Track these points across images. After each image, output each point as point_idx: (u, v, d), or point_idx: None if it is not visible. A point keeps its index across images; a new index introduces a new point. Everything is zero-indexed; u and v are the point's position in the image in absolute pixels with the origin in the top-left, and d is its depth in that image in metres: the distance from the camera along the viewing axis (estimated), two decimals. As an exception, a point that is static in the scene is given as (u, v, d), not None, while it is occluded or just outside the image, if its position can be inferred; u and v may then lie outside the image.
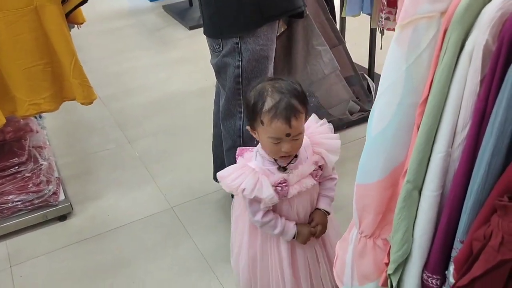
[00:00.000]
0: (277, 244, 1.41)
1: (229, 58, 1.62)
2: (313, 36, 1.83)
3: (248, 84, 1.64)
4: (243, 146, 1.73)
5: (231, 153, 1.77)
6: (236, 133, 1.73)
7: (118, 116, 2.98)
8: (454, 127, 0.77)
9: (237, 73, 1.63)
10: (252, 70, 1.63)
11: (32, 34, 1.86)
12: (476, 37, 0.70)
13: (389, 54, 0.82)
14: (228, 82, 1.66)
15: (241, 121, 1.71)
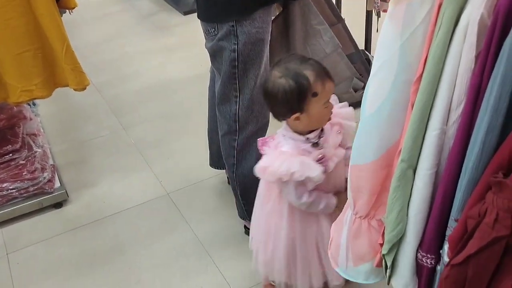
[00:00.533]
0: (316, 220, 1.42)
1: (225, 41, 1.60)
2: (311, 15, 1.80)
3: (244, 68, 1.62)
4: (238, 131, 1.72)
5: (226, 138, 1.76)
6: (232, 117, 1.71)
7: (112, 103, 2.96)
8: (449, 104, 0.76)
9: (233, 57, 1.61)
10: (248, 53, 1.61)
11: (22, 19, 1.83)
12: (471, 12, 0.69)
13: (382, 31, 0.81)
14: (224, 66, 1.64)
15: (237, 106, 1.70)
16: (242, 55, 1.60)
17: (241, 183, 1.80)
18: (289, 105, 1.29)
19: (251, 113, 1.71)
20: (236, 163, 1.77)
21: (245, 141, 1.75)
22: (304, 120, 1.30)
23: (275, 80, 1.30)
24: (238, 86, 1.67)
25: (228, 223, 2.02)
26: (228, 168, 1.83)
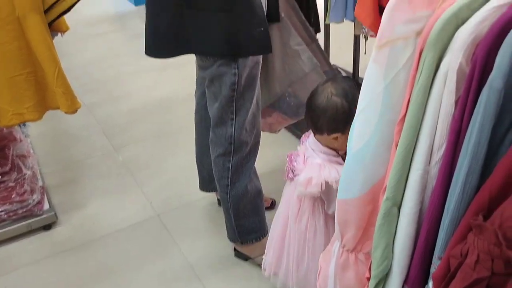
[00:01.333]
0: None
1: (225, 66, 1.61)
2: (290, 37, 1.84)
3: (242, 91, 1.65)
4: (233, 152, 1.74)
5: (220, 160, 1.77)
6: (228, 140, 1.73)
7: (103, 123, 2.97)
8: (431, 146, 0.78)
9: (234, 80, 1.62)
10: (247, 76, 1.64)
11: (15, 44, 1.85)
12: (450, 60, 0.72)
13: (367, 74, 0.83)
14: (224, 90, 1.65)
15: (233, 128, 1.71)
16: (242, 78, 1.63)
17: (235, 204, 1.82)
18: (335, 124, 1.34)
19: (246, 135, 1.73)
20: (230, 184, 1.78)
21: (239, 162, 1.77)
22: (341, 140, 1.35)
23: (330, 97, 1.35)
24: (235, 108, 1.69)
25: (218, 245, 2.02)
26: (220, 189, 1.84)
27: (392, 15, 0.78)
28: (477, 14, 0.70)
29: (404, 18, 0.78)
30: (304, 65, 1.89)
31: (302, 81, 1.92)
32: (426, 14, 0.78)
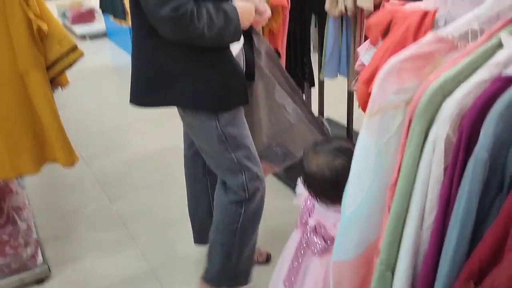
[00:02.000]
0: None
1: (207, 120, 1.65)
2: (275, 92, 1.91)
3: (235, 141, 1.67)
4: (247, 199, 1.74)
5: (233, 206, 1.76)
6: (240, 187, 1.73)
7: (99, 174, 2.98)
8: (423, 211, 0.80)
9: (218, 133, 1.66)
10: (232, 127, 1.67)
11: (16, 99, 1.89)
12: (438, 130, 0.75)
13: (359, 140, 0.87)
14: (213, 145, 1.68)
15: (243, 176, 1.72)
16: (226, 129, 1.65)
17: (240, 248, 1.81)
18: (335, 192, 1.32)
19: (258, 182, 1.75)
20: (239, 229, 1.78)
21: (252, 209, 1.77)
22: None
23: (329, 164, 1.34)
24: (235, 158, 1.70)
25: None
26: (225, 235, 1.82)
27: (382, 86, 0.82)
28: (461, 88, 0.74)
29: (394, 89, 0.82)
30: (290, 116, 1.94)
31: (288, 131, 1.97)
32: (414, 84, 0.82)
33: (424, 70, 0.83)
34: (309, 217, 1.42)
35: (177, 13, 1.39)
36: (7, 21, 1.82)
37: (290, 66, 2.47)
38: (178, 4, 1.39)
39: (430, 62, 0.83)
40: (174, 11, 1.39)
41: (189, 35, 1.46)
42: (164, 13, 1.39)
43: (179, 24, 1.42)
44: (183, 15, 1.40)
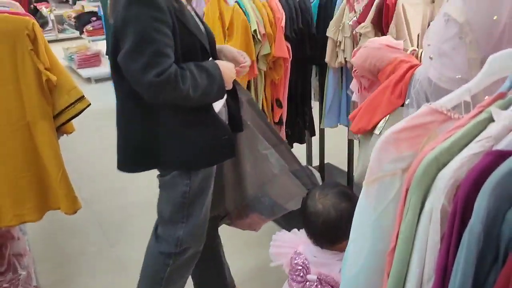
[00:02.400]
0: None
1: (179, 178, 1.66)
2: (258, 142, 1.92)
3: (193, 199, 1.67)
4: (176, 255, 1.72)
5: (162, 256, 1.74)
6: (174, 241, 1.72)
7: (100, 217, 2.99)
8: (421, 279, 0.82)
9: (185, 190, 1.66)
10: (199, 186, 1.68)
11: (22, 147, 1.93)
12: (434, 200, 0.78)
13: (358, 206, 0.90)
14: (175, 197, 1.68)
15: (182, 231, 1.71)
16: (193, 188, 1.67)
17: None
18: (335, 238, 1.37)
19: (193, 240, 1.74)
20: (165, 279, 1.76)
21: (179, 264, 1.76)
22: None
23: (336, 206, 1.39)
24: (186, 213, 1.70)
25: None
26: (150, 282, 1.82)
27: (380, 155, 0.86)
28: (455, 160, 0.78)
29: (391, 158, 0.86)
30: (273, 167, 1.95)
31: (272, 181, 1.96)
32: (410, 154, 0.86)
33: (419, 140, 0.87)
34: (306, 274, 1.43)
35: (161, 78, 1.40)
36: (17, 72, 1.89)
37: (291, 115, 2.52)
38: (161, 69, 1.40)
39: (426, 132, 0.87)
40: (158, 76, 1.40)
41: (175, 97, 1.48)
42: (148, 79, 1.40)
43: (164, 88, 1.43)
44: (167, 80, 1.41)
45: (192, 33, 1.55)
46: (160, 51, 1.41)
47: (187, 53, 1.53)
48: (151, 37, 1.40)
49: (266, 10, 2.28)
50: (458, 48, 1.15)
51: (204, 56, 1.61)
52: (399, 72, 1.28)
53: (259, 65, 2.33)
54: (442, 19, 1.18)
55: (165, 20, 1.43)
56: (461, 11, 1.14)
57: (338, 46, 2.31)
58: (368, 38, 2.14)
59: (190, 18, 1.58)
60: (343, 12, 2.26)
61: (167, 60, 1.43)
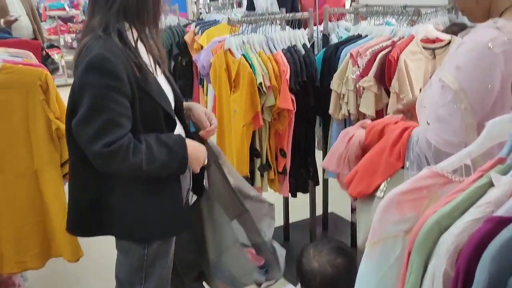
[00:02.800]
0: None
1: (135, 244, 1.61)
2: (215, 210, 1.87)
3: (153, 260, 1.62)
4: None
5: None
6: None
7: (101, 265, 2.96)
8: None
9: (143, 253, 1.61)
10: (157, 250, 1.63)
11: (29, 195, 1.96)
12: (436, 264, 0.79)
13: (361, 268, 0.90)
14: (133, 261, 1.63)
15: None
16: (151, 252, 1.61)
17: None
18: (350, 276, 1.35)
19: None
20: None
21: None
22: None
23: (331, 262, 1.39)
24: (144, 275, 1.65)
25: None
26: None
27: (383, 217, 0.87)
28: (456, 225, 0.79)
29: (393, 219, 0.87)
30: (228, 238, 1.89)
31: (228, 252, 1.85)
32: (413, 216, 0.87)
33: (421, 202, 0.88)
34: None
35: (109, 149, 1.37)
36: (28, 120, 1.94)
37: (295, 164, 2.54)
38: (111, 139, 1.37)
39: (427, 195, 0.88)
40: (107, 146, 1.37)
41: (123, 169, 1.44)
42: (96, 148, 1.38)
43: (112, 159, 1.40)
44: (116, 151, 1.38)
45: (155, 101, 1.50)
46: (112, 121, 1.38)
47: (149, 122, 1.49)
48: (105, 106, 1.38)
49: (271, 63, 2.35)
50: (454, 114, 1.18)
51: (168, 124, 1.57)
52: (393, 134, 1.30)
53: (264, 116, 2.37)
54: (438, 84, 1.23)
55: (122, 89, 1.40)
56: (455, 78, 1.18)
57: (342, 98, 2.36)
58: (370, 92, 2.20)
59: (155, 85, 1.53)
60: (346, 66, 2.33)
61: (120, 130, 1.39)
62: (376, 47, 2.27)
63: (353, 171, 1.36)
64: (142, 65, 1.47)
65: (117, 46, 1.42)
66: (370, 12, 2.74)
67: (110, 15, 1.44)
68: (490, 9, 1.31)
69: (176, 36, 3.90)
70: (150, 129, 1.50)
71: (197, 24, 3.85)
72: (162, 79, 1.61)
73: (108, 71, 1.38)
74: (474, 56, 1.19)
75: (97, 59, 1.38)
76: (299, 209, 3.07)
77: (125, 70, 1.41)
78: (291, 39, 2.51)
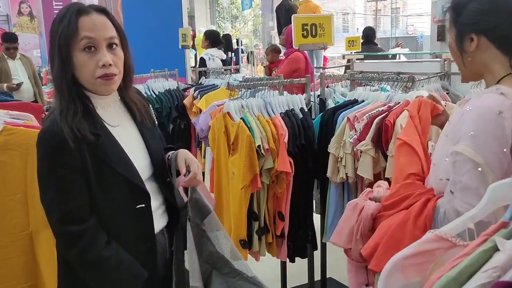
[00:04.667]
0: None
1: None
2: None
3: None
4: None
5: None
6: None
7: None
8: None
9: None
10: None
11: (22, 258, 1.91)
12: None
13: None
14: None
15: None
16: None
17: None
18: None
19: None
20: None
21: None
22: None
23: None
24: None
25: None
26: None
27: (388, 282, 0.86)
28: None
29: (399, 284, 0.86)
30: None
31: None
32: (418, 280, 0.86)
33: (426, 266, 0.87)
34: None
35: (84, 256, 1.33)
36: (26, 182, 1.93)
37: (293, 228, 2.52)
38: (83, 247, 1.33)
39: (432, 258, 0.87)
40: (81, 254, 1.33)
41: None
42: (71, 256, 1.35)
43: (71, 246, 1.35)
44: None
45: (111, 168, 1.37)
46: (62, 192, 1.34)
47: (106, 190, 1.38)
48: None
49: (270, 126, 2.39)
50: (477, 179, 1.18)
51: (133, 192, 1.42)
52: (416, 205, 1.29)
53: (262, 179, 2.38)
54: (456, 157, 1.23)
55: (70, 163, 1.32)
56: (474, 150, 1.19)
57: (340, 162, 2.38)
58: (368, 155, 2.22)
59: (115, 149, 1.40)
60: (344, 130, 2.37)
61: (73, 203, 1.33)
62: (373, 112, 2.31)
63: (372, 243, 1.31)
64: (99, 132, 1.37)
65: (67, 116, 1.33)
66: (365, 78, 2.82)
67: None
68: (483, 76, 1.35)
69: (176, 100, 3.98)
70: (111, 199, 1.39)
71: (196, 89, 3.95)
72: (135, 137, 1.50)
73: (53, 150, 1.33)
74: (487, 123, 1.21)
75: (42, 133, 1.36)
76: (297, 275, 3.00)
77: (74, 138, 1.31)
78: (288, 103, 2.57)
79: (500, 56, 1.30)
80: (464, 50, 1.35)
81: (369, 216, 1.35)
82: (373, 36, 6.94)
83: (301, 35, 2.80)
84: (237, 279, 1.55)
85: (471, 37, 1.32)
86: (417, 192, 1.37)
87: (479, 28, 1.31)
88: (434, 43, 7.34)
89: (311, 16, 3.09)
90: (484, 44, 1.32)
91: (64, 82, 1.35)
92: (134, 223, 1.43)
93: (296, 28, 2.81)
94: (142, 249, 1.43)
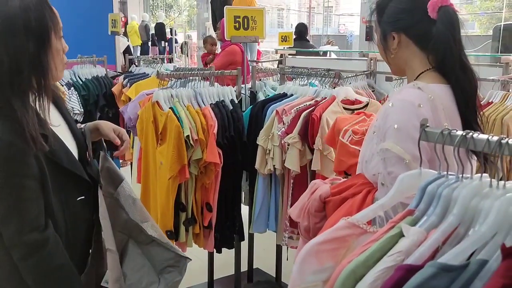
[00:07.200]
0: None
1: None
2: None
3: None
4: None
5: None
6: None
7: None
8: None
9: None
10: None
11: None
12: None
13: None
14: None
15: None
16: None
17: None
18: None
19: None
20: None
21: None
22: None
23: None
24: None
25: None
26: None
27: (302, 267, 0.89)
28: (370, 274, 0.82)
29: (313, 269, 0.89)
30: None
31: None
32: (331, 265, 0.90)
33: (339, 252, 0.91)
34: None
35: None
36: None
37: (221, 219, 2.54)
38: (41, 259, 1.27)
39: (344, 245, 0.92)
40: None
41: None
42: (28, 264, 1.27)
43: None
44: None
45: (65, 169, 1.37)
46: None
47: (59, 190, 1.35)
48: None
49: (199, 117, 2.38)
50: (405, 169, 1.23)
51: (80, 188, 1.43)
52: (358, 198, 1.33)
53: (191, 169, 2.37)
54: (386, 155, 1.28)
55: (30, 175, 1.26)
56: (401, 146, 1.25)
57: (268, 154, 2.42)
58: (295, 148, 2.28)
59: (62, 151, 1.37)
60: (272, 123, 2.41)
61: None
62: (301, 106, 2.38)
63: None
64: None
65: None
66: (295, 73, 2.89)
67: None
68: (405, 70, 1.43)
69: (104, 87, 3.86)
70: (66, 197, 1.37)
71: (125, 77, 3.85)
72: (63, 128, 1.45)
73: (14, 166, 1.25)
74: (409, 115, 1.27)
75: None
76: (224, 265, 3.03)
77: (33, 147, 1.24)
78: (219, 95, 2.58)
79: (419, 53, 1.39)
80: (387, 47, 1.42)
81: (317, 197, 1.39)
82: (305, 33, 7.09)
83: (233, 27, 2.81)
84: (151, 245, 1.57)
85: (393, 35, 1.40)
86: (359, 182, 1.42)
87: (399, 26, 1.39)
88: (363, 42, 7.63)
89: (243, 9, 3.10)
90: (404, 42, 1.40)
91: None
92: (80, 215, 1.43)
93: (228, 20, 2.81)
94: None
